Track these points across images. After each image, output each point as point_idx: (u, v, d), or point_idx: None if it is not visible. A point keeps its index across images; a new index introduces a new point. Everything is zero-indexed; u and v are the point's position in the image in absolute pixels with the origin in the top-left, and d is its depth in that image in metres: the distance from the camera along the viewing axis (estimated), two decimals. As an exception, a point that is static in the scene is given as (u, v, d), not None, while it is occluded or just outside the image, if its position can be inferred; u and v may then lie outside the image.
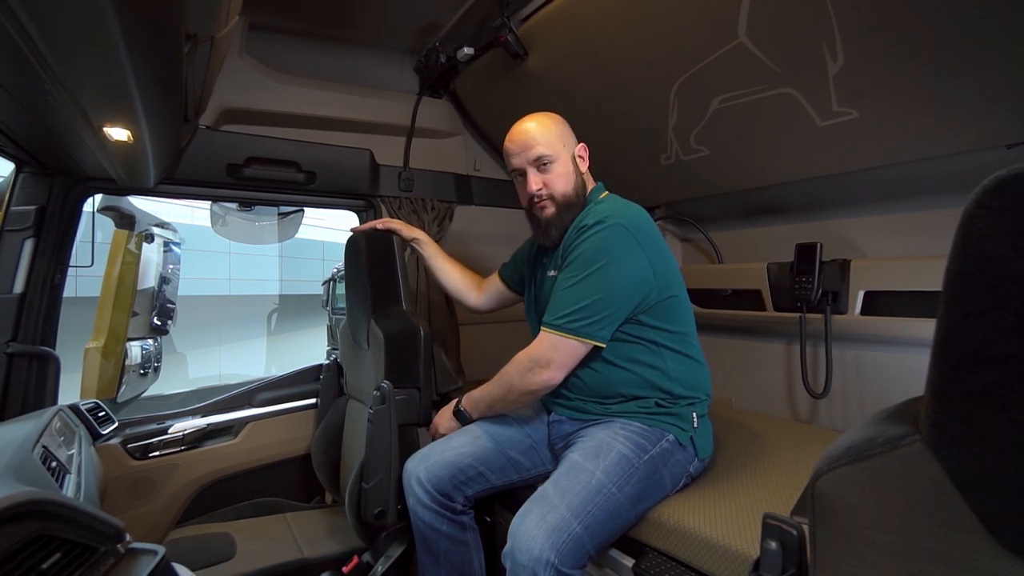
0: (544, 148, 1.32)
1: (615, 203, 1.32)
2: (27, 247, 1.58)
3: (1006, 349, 0.35)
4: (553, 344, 1.22)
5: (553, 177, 1.32)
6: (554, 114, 1.39)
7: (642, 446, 1.19)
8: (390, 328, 1.52)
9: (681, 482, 1.24)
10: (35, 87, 0.95)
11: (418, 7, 1.92)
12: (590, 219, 1.25)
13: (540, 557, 1.00)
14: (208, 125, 1.88)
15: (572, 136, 1.39)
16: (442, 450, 1.35)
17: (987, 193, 0.35)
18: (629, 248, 1.21)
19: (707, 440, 1.31)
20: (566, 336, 1.20)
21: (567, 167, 1.34)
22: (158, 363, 3.02)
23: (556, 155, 1.32)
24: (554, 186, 1.32)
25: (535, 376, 1.24)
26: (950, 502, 0.41)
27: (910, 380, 1.49)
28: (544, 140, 1.32)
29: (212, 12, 1.03)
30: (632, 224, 1.22)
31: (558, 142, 1.33)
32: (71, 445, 1.21)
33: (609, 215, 1.23)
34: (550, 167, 1.32)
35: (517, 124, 1.37)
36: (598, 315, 1.19)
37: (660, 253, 1.27)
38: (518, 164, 1.35)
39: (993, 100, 1.16)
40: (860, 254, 1.65)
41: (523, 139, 1.34)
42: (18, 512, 0.61)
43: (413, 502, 1.33)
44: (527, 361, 1.26)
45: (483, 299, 1.74)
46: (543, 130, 1.33)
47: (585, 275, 1.20)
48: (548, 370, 1.22)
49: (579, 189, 1.35)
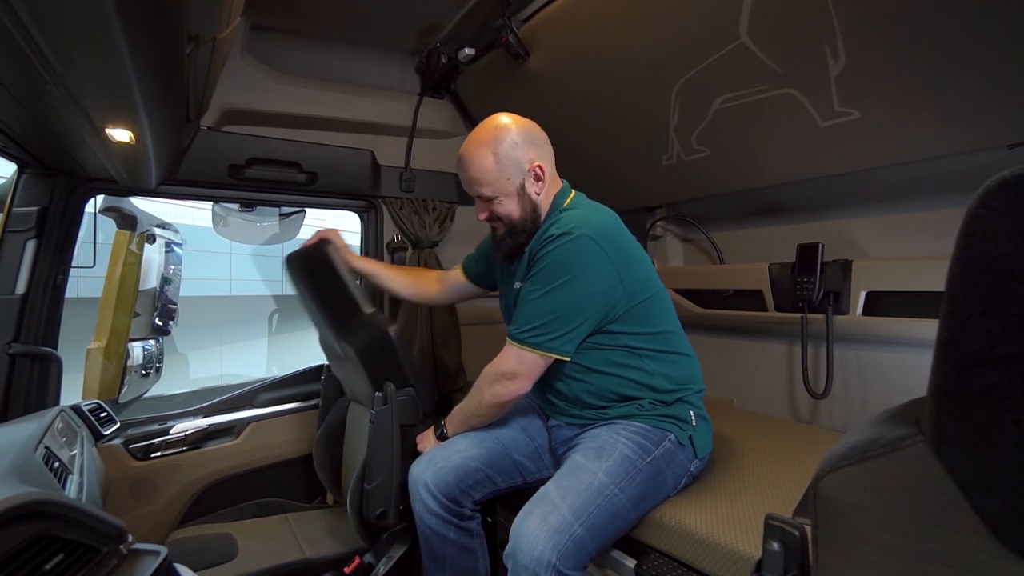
0: (483, 189, 1.28)
1: (583, 209, 1.29)
2: (29, 248, 1.59)
3: (1009, 350, 0.35)
4: (518, 357, 1.22)
5: (499, 207, 1.29)
6: (507, 131, 1.27)
7: (645, 447, 1.19)
8: (359, 344, 1.49)
9: (683, 482, 1.24)
10: (37, 88, 0.95)
11: (419, 8, 1.92)
12: (556, 229, 1.21)
13: (541, 558, 1.00)
14: (210, 126, 1.89)
15: (524, 157, 1.27)
16: (448, 454, 1.33)
17: (990, 194, 0.35)
18: (595, 259, 1.18)
19: (706, 438, 1.30)
20: (529, 350, 1.20)
21: (513, 200, 1.28)
22: (160, 364, 3.02)
23: (499, 191, 1.27)
24: (500, 213, 1.30)
25: (503, 388, 1.25)
26: (953, 503, 0.41)
27: (912, 381, 1.49)
28: (482, 180, 1.27)
29: (214, 13, 1.03)
30: (599, 233, 1.19)
31: (499, 179, 1.26)
32: (73, 446, 1.21)
33: (575, 225, 1.19)
34: (495, 201, 1.29)
35: (463, 148, 1.30)
36: (561, 330, 1.18)
37: (629, 259, 1.24)
38: (465, 191, 1.34)
39: (995, 100, 1.16)
40: (862, 254, 1.65)
41: (462, 173, 1.31)
42: (21, 513, 0.62)
43: (420, 508, 1.31)
44: (493, 373, 1.27)
45: (442, 292, 1.70)
46: (482, 169, 1.26)
47: (549, 289, 1.18)
48: (515, 381, 1.24)
49: (531, 213, 1.30)
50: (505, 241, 1.33)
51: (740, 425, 1.69)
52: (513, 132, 1.27)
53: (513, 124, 1.29)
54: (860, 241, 1.67)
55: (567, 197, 1.34)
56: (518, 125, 1.29)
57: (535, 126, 1.33)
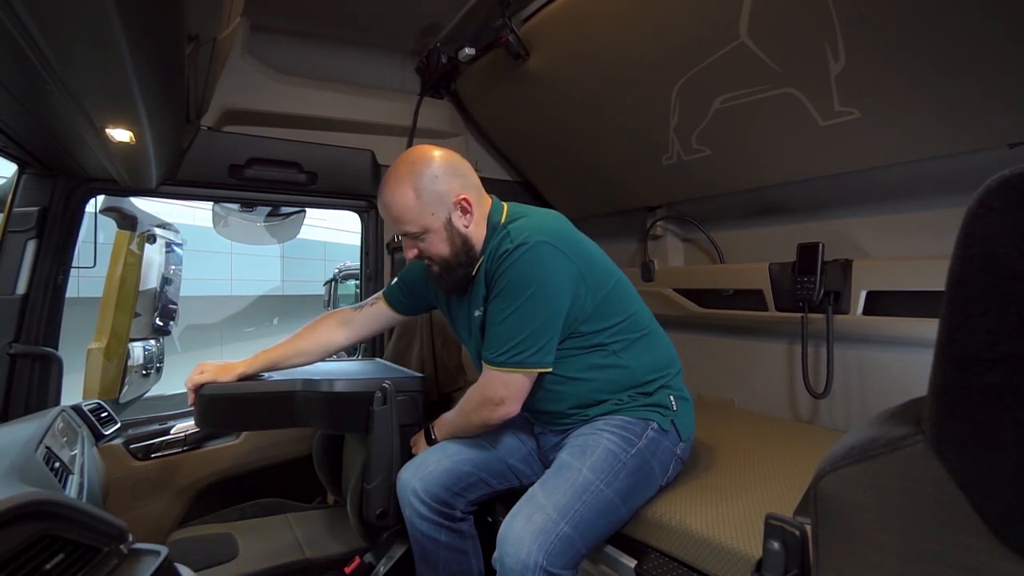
0: (407, 226, 1.22)
1: (530, 216, 1.26)
2: (30, 248, 1.59)
3: (1010, 349, 0.35)
4: (502, 381, 1.19)
5: (426, 246, 1.24)
6: (425, 166, 1.21)
7: (628, 440, 1.18)
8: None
9: (671, 468, 1.23)
10: (37, 88, 0.96)
11: (419, 8, 1.92)
12: (508, 243, 1.17)
13: (528, 560, 1.00)
14: (210, 126, 1.89)
15: (447, 191, 1.21)
16: (438, 458, 1.32)
17: (990, 193, 0.35)
18: (557, 264, 1.15)
19: (688, 419, 1.29)
20: (512, 371, 1.17)
21: (440, 235, 1.23)
22: (160, 364, 3.03)
23: (424, 227, 1.21)
24: (430, 252, 1.25)
25: (491, 413, 1.23)
26: (953, 503, 0.41)
27: (912, 380, 1.49)
28: (405, 218, 1.21)
29: (214, 13, 1.03)
30: (553, 237, 1.17)
31: (423, 214, 1.20)
32: (74, 446, 1.21)
33: (529, 234, 1.16)
34: (422, 237, 1.23)
35: (381, 186, 1.24)
36: (539, 343, 1.15)
37: (586, 255, 1.23)
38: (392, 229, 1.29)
39: (995, 99, 1.16)
40: (862, 254, 1.65)
41: (386, 214, 1.25)
42: (21, 513, 0.62)
43: (410, 512, 1.30)
44: (480, 399, 1.24)
45: (353, 332, 1.55)
46: (404, 207, 1.20)
47: (518, 305, 1.14)
48: (503, 406, 1.21)
49: (462, 247, 1.24)
50: (443, 278, 1.29)
51: (740, 425, 1.69)
52: (433, 165, 1.21)
53: (432, 156, 1.23)
54: (860, 241, 1.67)
55: (502, 212, 1.29)
56: (438, 157, 1.24)
57: (456, 156, 1.29)
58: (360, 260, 2.36)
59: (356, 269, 3.24)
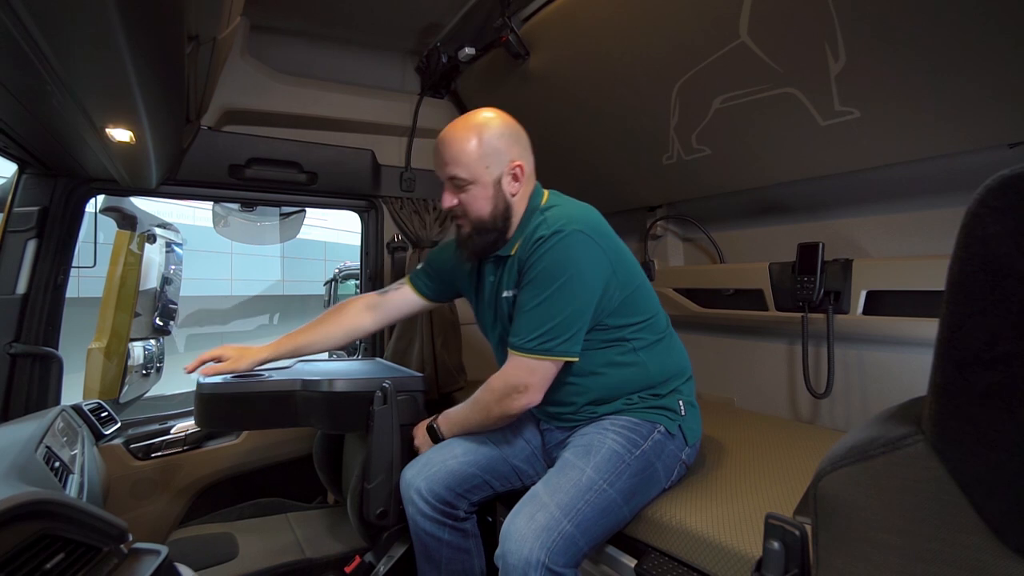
0: (457, 169, 1.22)
1: (566, 206, 1.26)
2: (30, 248, 1.59)
3: (1010, 348, 0.35)
4: (529, 368, 1.18)
5: (468, 198, 1.24)
6: (495, 122, 1.24)
7: (634, 441, 1.18)
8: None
9: (675, 472, 1.23)
10: (38, 88, 0.96)
11: (419, 7, 1.92)
12: (545, 229, 1.18)
13: (530, 558, 1.00)
14: (210, 126, 1.89)
15: (507, 151, 1.23)
16: (443, 458, 1.32)
17: (990, 192, 0.35)
18: (591, 254, 1.16)
19: (695, 424, 1.29)
20: (540, 358, 1.16)
21: (487, 191, 1.23)
22: (160, 363, 3.03)
23: (473, 178, 1.22)
24: (468, 207, 1.24)
25: (513, 401, 1.20)
26: (954, 503, 0.41)
27: (913, 380, 1.49)
28: (460, 160, 1.21)
29: (214, 13, 1.03)
30: (589, 227, 1.18)
31: (478, 164, 1.21)
32: (74, 445, 1.21)
33: (565, 222, 1.17)
34: (466, 188, 1.23)
35: (445, 130, 1.25)
36: (569, 332, 1.15)
37: (619, 250, 1.23)
38: (437, 173, 1.28)
39: (995, 99, 1.16)
40: (862, 254, 1.65)
41: (439, 152, 1.24)
42: (22, 512, 0.62)
43: (413, 511, 1.30)
44: (503, 387, 1.21)
45: (380, 317, 1.56)
46: (461, 150, 1.21)
47: (550, 292, 1.14)
48: (526, 394, 1.19)
49: (501, 213, 1.25)
50: (471, 240, 1.27)
51: (741, 424, 1.69)
52: (503, 124, 1.25)
53: (501, 118, 1.26)
54: (860, 240, 1.67)
55: (542, 196, 1.30)
56: (506, 120, 1.26)
57: (521, 128, 1.30)
58: (360, 260, 2.36)
59: (356, 269, 3.25)
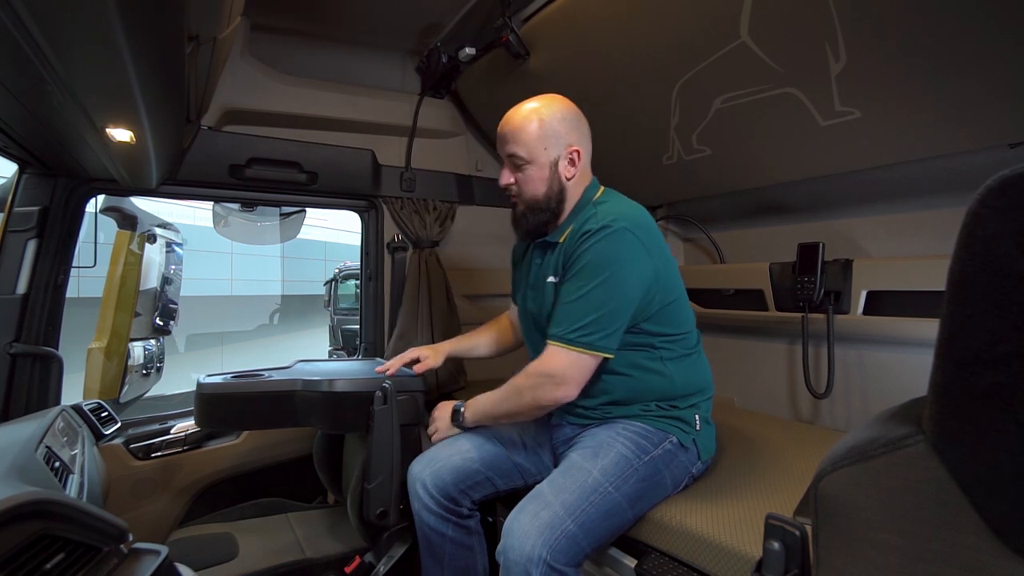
0: (517, 148, 1.26)
1: (618, 203, 1.28)
2: (30, 248, 1.59)
3: (1011, 348, 0.35)
4: (569, 359, 1.16)
5: (524, 178, 1.27)
6: (557, 105, 1.28)
7: (643, 447, 1.19)
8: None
9: (683, 483, 1.24)
10: (38, 88, 0.96)
11: (420, 8, 1.92)
12: (593, 223, 1.19)
13: (532, 554, 1.00)
14: (210, 126, 1.89)
15: (566, 135, 1.27)
16: (449, 454, 1.33)
17: (991, 192, 0.35)
18: (636, 253, 1.17)
19: (709, 441, 1.30)
20: (581, 351, 1.15)
21: (542, 172, 1.26)
22: (160, 363, 3.03)
23: (531, 158, 1.26)
24: (523, 186, 1.28)
25: (549, 393, 1.18)
26: (954, 503, 0.41)
27: (913, 380, 1.49)
28: (519, 140, 1.25)
29: (214, 13, 1.03)
30: (638, 227, 1.18)
31: (537, 145, 1.25)
32: (74, 445, 1.21)
33: (614, 218, 1.18)
34: (523, 167, 1.27)
35: (514, 108, 1.30)
36: (609, 327, 1.15)
37: (664, 256, 1.24)
38: (499, 151, 1.32)
39: (996, 99, 1.16)
40: (863, 254, 1.65)
41: (503, 131, 1.28)
42: (22, 512, 0.62)
43: (418, 506, 1.31)
44: (540, 376, 1.19)
45: (516, 332, 1.64)
46: (522, 129, 1.25)
47: (594, 285, 1.15)
48: (564, 387, 1.17)
49: (554, 196, 1.28)
50: (524, 219, 1.30)
51: (741, 425, 1.69)
52: (565, 109, 1.28)
53: (564, 102, 1.30)
54: (861, 240, 1.67)
55: (597, 191, 1.33)
56: (569, 105, 1.30)
57: (584, 118, 1.33)
58: (360, 260, 2.36)
59: (356, 269, 3.24)
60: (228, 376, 1.49)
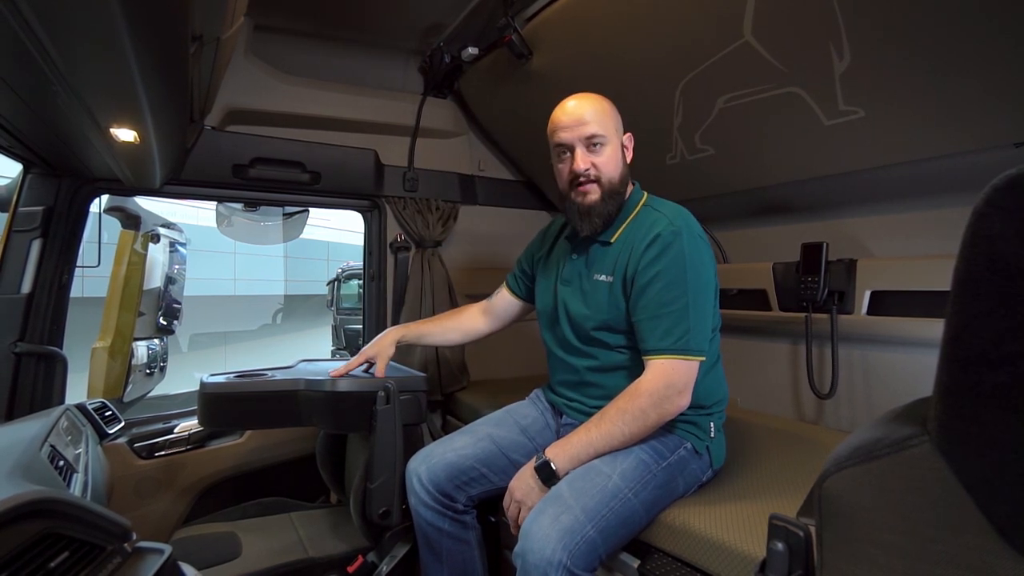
0: (598, 127, 1.24)
1: (673, 207, 1.29)
2: (35, 247, 1.59)
3: (1017, 348, 0.35)
4: (685, 367, 1.16)
5: (603, 160, 1.25)
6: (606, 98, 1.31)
7: (660, 452, 1.18)
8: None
9: (692, 489, 1.24)
10: (43, 89, 0.96)
11: (422, 8, 1.93)
12: (661, 227, 1.21)
13: (552, 558, 1.00)
14: (214, 126, 1.89)
15: (621, 123, 1.32)
16: (443, 451, 1.34)
17: (997, 192, 0.35)
18: (709, 260, 1.23)
19: (721, 450, 1.30)
20: (687, 358, 1.16)
21: (617, 152, 1.28)
22: (164, 363, 3.04)
23: (608, 138, 1.25)
24: (603, 169, 1.25)
25: (673, 404, 1.15)
26: (959, 504, 0.41)
27: (918, 381, 1.48)
28: (598, 120, 1.25)
29: (218, 13, 1.03)
30: (701, 233, 1.24)
31: (611, 124, 1.27)
32: (78, 444, 1.21)
33: (683, 223, 1.21)
34: (601, 149, 1.25)
35: (570, 98, 1.29)
36: (702, 331, 1.18)
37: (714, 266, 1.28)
38: (566, 139, 1.26)
39: (1001, 98, 1.16)
40: (866, 254, 1.64)
41: (577, 114, 1.25)
42: (26, 511, 0.62)
43: (415, 501, 1.33)
44: (664, 389, 1.14)
45: (492, 321, 1.63)
46: (598, 109, 1.26)
47: (688, 292, 1.17)
48: (684, 395, 1.16)
49: (624, 179, 1.30)
50: (598, 207, 1.27)
51: (744, 425, 1.68)
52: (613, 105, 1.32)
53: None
54: (865, 240, 1.66)
55: (643, 194, 1.36)
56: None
57: None
58: (363, 260, 2.36)
59: (359, 269, 3.25)
60: (231, 376, 1.50)
